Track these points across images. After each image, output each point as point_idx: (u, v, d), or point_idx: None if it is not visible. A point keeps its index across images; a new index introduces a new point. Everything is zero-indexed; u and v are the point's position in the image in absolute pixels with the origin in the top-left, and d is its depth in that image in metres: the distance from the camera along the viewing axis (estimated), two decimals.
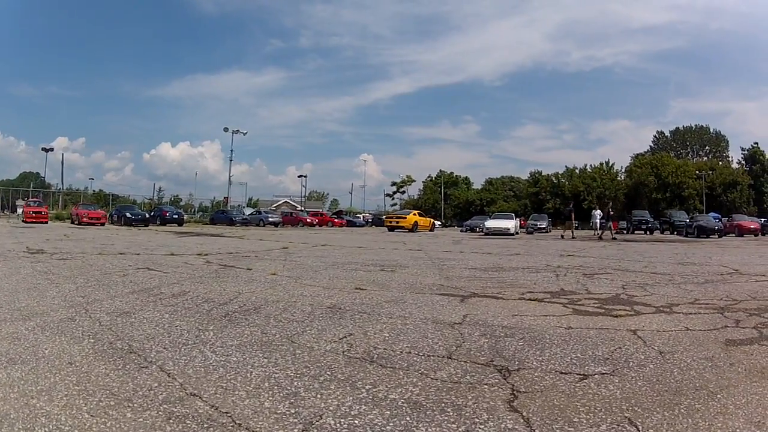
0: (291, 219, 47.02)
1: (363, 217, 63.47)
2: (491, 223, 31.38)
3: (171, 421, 1.93)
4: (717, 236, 30.91)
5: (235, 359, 2.79)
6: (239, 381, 2.43)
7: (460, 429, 1.94)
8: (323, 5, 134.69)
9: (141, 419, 1.93)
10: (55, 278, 5.98)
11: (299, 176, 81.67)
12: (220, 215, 45.94)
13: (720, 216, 45.27)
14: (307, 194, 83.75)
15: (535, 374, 2.67)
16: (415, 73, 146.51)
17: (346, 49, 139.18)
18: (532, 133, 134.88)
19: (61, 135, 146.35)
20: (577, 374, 2.74)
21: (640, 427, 2.06)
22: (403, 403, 2.17)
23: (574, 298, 5.51)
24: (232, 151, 62.93)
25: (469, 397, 2.25)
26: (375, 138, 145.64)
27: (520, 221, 39.50)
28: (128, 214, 34.17)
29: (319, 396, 2.25)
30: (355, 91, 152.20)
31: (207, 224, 42.41)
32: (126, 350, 2.91)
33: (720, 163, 77.87)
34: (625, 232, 38.57)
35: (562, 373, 2.72)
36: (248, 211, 55.31)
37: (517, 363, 2.85)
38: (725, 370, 2.99)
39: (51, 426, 1.86)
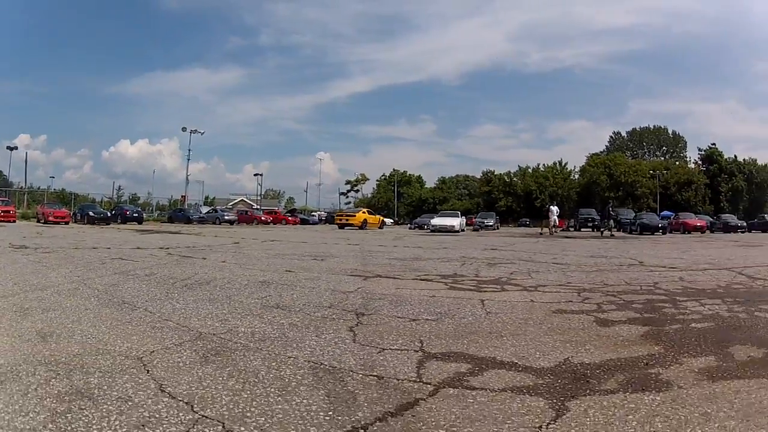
0: (246, 217, 48.67)
1: (318, 215, 64.38)
2: (437, 221, 33.03)
3: (154, 330, 3.45)
4: (661, 233, 32.29)
5: (191, 306, 4.33)
6: (194, 315, 3.98)
7: (312, 335, 3.45)
8: (285, 3, 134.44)
9: (136, 330, 3.44)
10: (50, 265, 7.40)
11: (255, 174, 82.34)
12: (177, 213, 47.01)
13: (673, 214, 46.29)
14: (263, 193, 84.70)
15: (380, 317, 4.09)
16: (375, 72, 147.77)
17: (306, 47, 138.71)
18: (489, 133, 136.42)
19: (23, 132, 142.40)
20: (410, 319, 4.04)
21: (425, 345, 3.23)
22: (287, 325, 3.72)
23: (460, 279, 6.72)
24: (189, 150, 62.35)
25: (328, 324, 3.79)
26: (332, 136, 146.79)
27: (469, 219, 41.39)
28: (91, 213, 35.82)
29: (239, 321, 3.80)
30: (314, 89, 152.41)
31: (165, 222, 43.49)
32: (120, 303, 4.45)
33: (677, 163, 79.58)
34: (571, 229, 40.25)
35: (399, 318, 4.09)
36: (205, 209, 57.04)
37: (372, 312, 4.30)
38: (529, 326, 3.91)
39: (83, 336, 3.30)
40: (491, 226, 39.78)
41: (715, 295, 5.75)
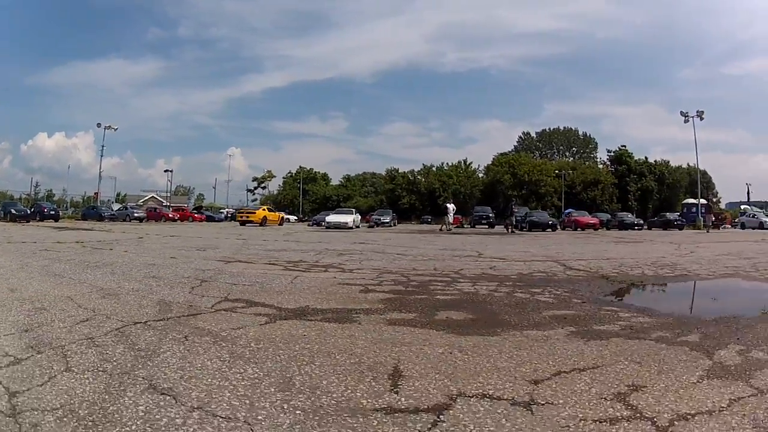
0: (155, 214, 51.51)
1: (226, 211, 65.74)
2: (331, 218, 35.97)
3: (75, 286, 6.08)
4: (551, 230, 34.74)
5: (98, 277, 6.93)
6: (99, 280, 6.59)
7: (167, 289, 6.17)
8: None
9: (65, 286, 6.05)
10: None
11: (165, 171, 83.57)
12: (90, 211, 49.72)
13: (585, 212, 47.52)
14: (173, 189, 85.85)
15: (216, 283, 6.69)
16: (289, 68, 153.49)
17: (224, 40, 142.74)
18: (401, 131, 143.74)
19: None
20: (233, 284, 6.51)
21: (229, 296, 6.16)
22: (155, 285, 6.40)
23: (299, 264, 9.11)
24: (103, 147, 63.36)
25: (180, 286, 6.46)
26: (244, 132, 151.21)
27: (366, 216, 44.18)
28: (13, 211, 39.27)
29: (126, 283, 6.42)
30: (228, 83, 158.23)
31: (79, 220, 45.92)
32: (53, 274, 7.02)
33: (586, 163, 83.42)
34: (467, 226, 42.75)
35: (228, 284, 6.61)
36: (116, 206, 60.21)
37: (213, 280, 6.97)
38: (309, 291, 6.03)
39: (35, 289, 5.89)
40: (387, 223, 42.54)
41: (502, 279, 7.52)
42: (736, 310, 5.58)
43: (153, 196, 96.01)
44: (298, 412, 2.41)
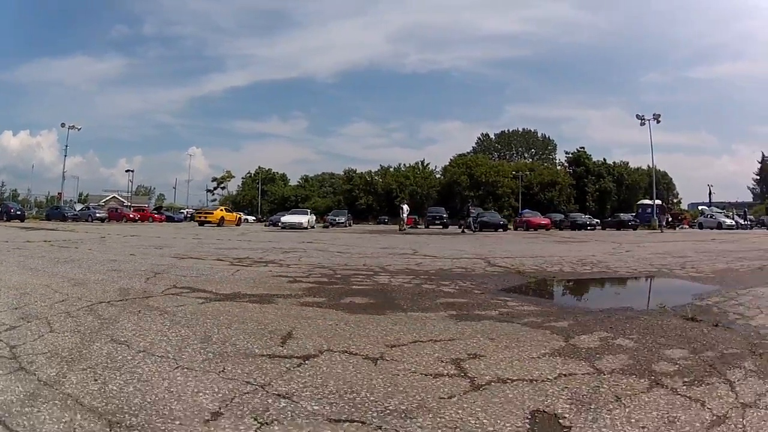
0: (116, 215, 52.92)
1: (186, 212, 66.40)
2: (287, 219, 37.04)
3: (50, 278, 7.33)
4: (502, 230, 35.67)
5: (68, 270, 8.05)
6: (69, 273, 7.72)
7: (126, 280, 7.43)
8: None
9: (41, 278, 7.24)
10: None
11: (127, 171, 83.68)
12: (54, 211, 50.50)
13: (537, 213, 48.36)
14: (134, 189, 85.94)
15: (167, 275, 7.86)
16: (251, 67, 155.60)
17: (187, 38, 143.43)
18: (361, 131, 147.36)
19: None
20: (183, 276, 7.68)
21: (177, 284, 7.38)
22: (116, 277, 7.61)
23: (244, 260, 10.10)
24: (66, 146, 63.44)
25: (137, 277, 7.66)
26: (205, 131, 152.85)
27: (323, 217, 45.42)
28: None
29: (91, 275, 7.58)
30: (191, 82, 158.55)
31: (43, 220, 46.87)
32: (29, 268, 8.14)
33: (544, 164, 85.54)
34: (420, 226, 43.94)
35: (178, 275, 7.79)
36: (79, 206, 60.05)
37: (165, 273, 8.16)
38: (245, 281, 7.32)
39: (17, 280, 7.11)
40: (342, 223, 43.76)
41: (419, 274, 8.34)
42: (635, 304, 5.87)
43: (114, 196, 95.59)
44: (209, 354, 3.51)
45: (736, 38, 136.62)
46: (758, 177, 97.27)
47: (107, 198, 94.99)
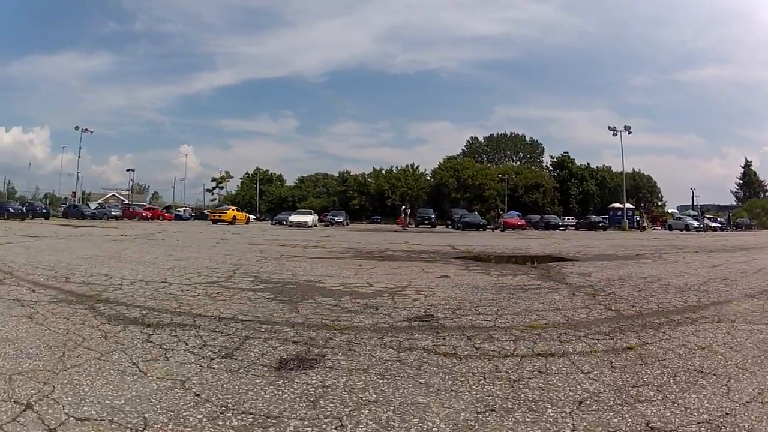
0: (130, 213, 55.63)
1: (184, 210, 69.83)
2: (294, 218, 42.04)
3: (175, 257, 12.81)
4: (482, 230, 39.69)
5: (218, 251, 13.64)
6: (219, 252, 13.24)
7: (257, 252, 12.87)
8: None
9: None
10: (41, 249, 14.89)
11: (128, 170, 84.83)
12: (72, 209, 52.91)
13: (520, 214, 53.29)
14: (129, 187, 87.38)
15: (273, 250, 13.33)
16: (241, 65, 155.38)
17: (177, 36, 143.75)
18: (349, 130, 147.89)
19: None
20: (282, 252, 13.27)
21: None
22: (226, 256, 13.11)
23: (300, 246, 15.13)
24: (80, 148, 65.98)
25: (265, 252, 13.13)
26: (194, 129, 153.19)
27: (320, 216, 49.91)
28: (11, 209, 42.55)
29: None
30: (180, 79, 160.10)
31: (61, 217, 48.80)
32: (172, 251, 13.72)
33: (531, 167, 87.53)
34: (411, 226, 45.57)
35: (278, 251, 13.32)
36: (93, 205, 63.35)
37: (267, 249, 13.66)
38: (325, 253, 13.77)
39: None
40: (341, 222, 48.34)
41: (405, 250, 14.21)
42: (519, 265, 10.43)
43: (114, 195, 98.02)
44: (330, 267, 9.42)
45: (722, 43, 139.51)
46: (741, 181, 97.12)
47: (107, 196, 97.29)
